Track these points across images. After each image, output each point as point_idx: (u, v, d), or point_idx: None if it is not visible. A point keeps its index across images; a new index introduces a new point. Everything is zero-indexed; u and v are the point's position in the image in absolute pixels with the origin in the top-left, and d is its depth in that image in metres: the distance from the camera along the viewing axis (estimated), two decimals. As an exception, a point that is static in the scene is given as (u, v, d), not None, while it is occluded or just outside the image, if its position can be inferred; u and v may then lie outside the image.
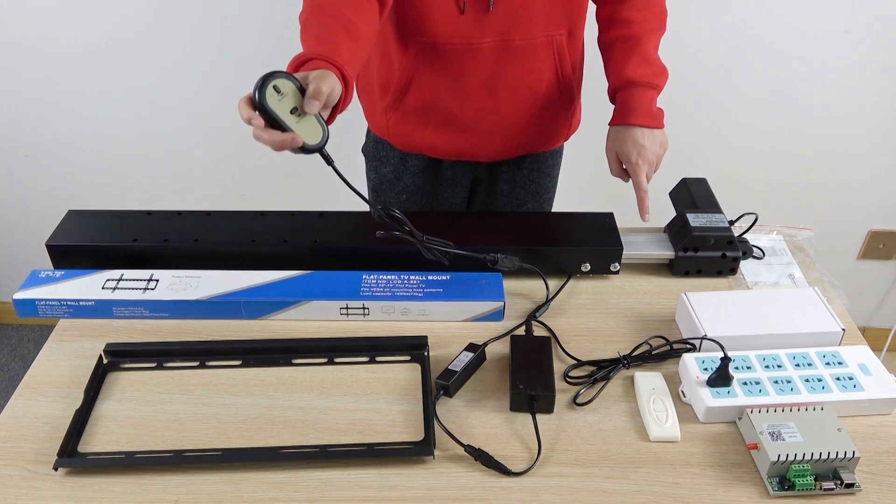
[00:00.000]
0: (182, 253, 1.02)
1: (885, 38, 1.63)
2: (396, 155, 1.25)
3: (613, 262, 1.04)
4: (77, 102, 1.77)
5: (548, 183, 1.31)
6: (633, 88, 1.08)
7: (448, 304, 0.96)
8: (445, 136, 1.17)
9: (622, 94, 1.09)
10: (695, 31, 1.63)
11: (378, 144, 1.26)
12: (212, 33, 1.66)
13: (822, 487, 0.75)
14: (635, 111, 1.07)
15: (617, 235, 1.05)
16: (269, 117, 0.77)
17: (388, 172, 1.27)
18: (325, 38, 0.87)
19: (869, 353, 0.89)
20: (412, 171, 1.25)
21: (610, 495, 0.75)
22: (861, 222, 1.94)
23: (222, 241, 1.02)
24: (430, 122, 1.16)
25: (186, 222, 1.05)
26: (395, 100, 1.15)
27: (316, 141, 0.81)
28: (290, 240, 1.03)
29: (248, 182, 1.90)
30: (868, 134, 1.77)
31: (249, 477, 0.77)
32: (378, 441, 0.80)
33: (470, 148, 1.19)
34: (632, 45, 1.09)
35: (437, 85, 1.11)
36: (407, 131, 1.19)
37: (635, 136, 1.07)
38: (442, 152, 1.21)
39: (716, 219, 1.05)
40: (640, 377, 0.88)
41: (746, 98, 1.73)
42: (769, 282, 1.06)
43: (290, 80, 0.79)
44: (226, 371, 0.89)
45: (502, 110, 1.14)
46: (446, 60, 1.08)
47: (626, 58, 1.08)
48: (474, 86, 1.11)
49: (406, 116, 1.17)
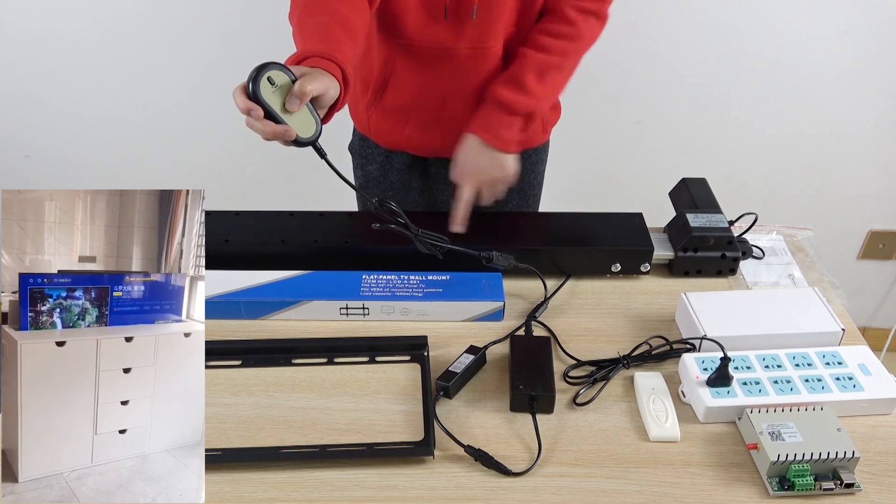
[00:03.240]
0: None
1: (885, 38, 1.63)
2: (381, 152, 1.25)
3: (644, 263, 1.04)
4: (77, 102, 1.77)
5: (532, 180, 1.30)
6: (496, 107, 1.06)
7: (448, 304, 0.96)
8: (424, 134, 1.18)
9: (485, 107, 1.08)
10: (695, 32, 1.63)
11: (363, 142, 1.26)
12: (211, 33, 1.66)
13: (822, 487, 0.75)
14: (489, 129, 1.06)
15: (647, 236, 1.06)
16: (262, 108, 0.77)
17: (374, 170, 1.27)
18: (326, 36, 0.87)
19: (869, 353, 0.89)
20: (397, 168, 1.25)
21: (610, 495, 0.75)
22: (861, 222, 1.94)
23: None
24: (409, 120, 1.17)
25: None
26: (375, 97, 1.15)
27: (309, 134, 0.81)
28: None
29: (247, 182, 1.90)
30: (868, 134, 1.77)
31: (249, 477, 0.77)
32: (378, 441, 0.80)
33: (449, 146, 1.19)
34: (520, 64, 1.06)
35: (413, 85, 1.12)
36: (387, 129, 1.19)
37: (482, 153, 1.06)
38: (423, 150, 1.22)
39: (716, 219, 1.05)
40: (640, 377, 0.87)
41: (746, 98, 1.73)
42: (769, 282, 1.06)
43: (284, 73, 0.78)
44: (226, 371, 0.89)
45: (473, 111, 1.14)
46: (422, 62, 1.09)
47: (508, 76, 1.07)
48: (449, 88, 1.11)
49: (386, 114, 1.17)
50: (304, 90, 0.78)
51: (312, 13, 0.90)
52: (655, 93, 1.72)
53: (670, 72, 1.68)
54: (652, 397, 0.85)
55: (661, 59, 1.65)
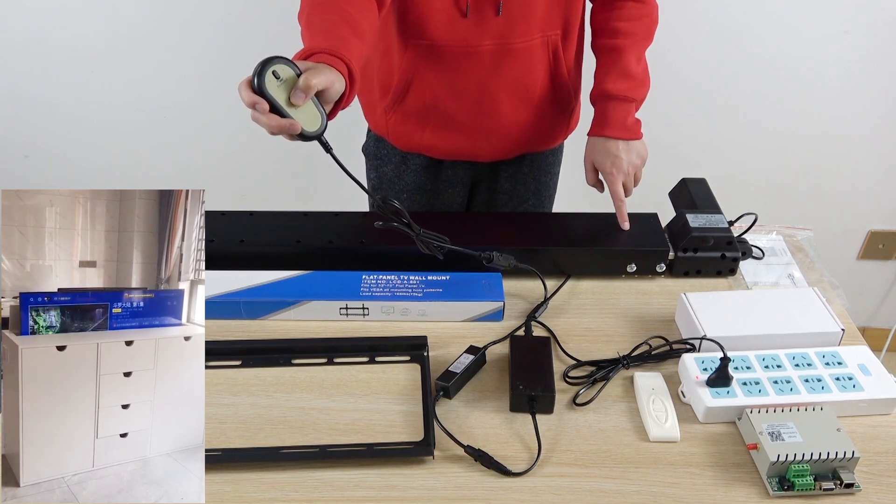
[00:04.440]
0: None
1: (885, 39, 1.63)
2: (398, 154, 1.25)
3: (659, 263, 1.04)
4: (77, 103, 1.77)
5: (548, 181, 1.31)
6: (609, 101, 1.10)
7: (448, 305, 0.96)
8: (444, 137, 1.18)
9: (600, 107, 1.12)
10: (695, 32, 1.63)
11: (379, 143, 1.26)
12: (211, 33, 1.66)
13: (822, 487, 0.75)
14: (610, 123, 1.10)
15: (662, 236, 1.06)
16: (266, 102, 0.77)
17: (390, 171, 1.27)
18: (332, 34, 0.87)
19: (868, 353, 0.89)
20: (413, 169, 1.25)
21: (610, 495, 0.75)
22: (861, 222, 1.94)
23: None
24: (429, 123, 1.17)
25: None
26: (395, 101, 1.15)
27: (315, 128, 0.81)
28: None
29: (247, 182, 1.90)
30: (868, 134, 1.77)
31: (249, 477, 0.77)
32: (378, 441, 0.81)
33: (468, 148, 1.20)
34: (615, 56, 1.10)
35: (435, 87, 1.12)
36: (406, 132, 1.19)
37: (609, 146, 1.09)
38: (441, 153, 1.22)
39: (715, 219, 1.05)
40: (640, 377, 0.88)
41: (746, 98, 1.73)
42: (769, 282, 1.06)
43: (290, 67, 0.78)
44: (225, 371, 0.89)
45: (500, 111, 1.14)
46: (445, 63, 1.09)
47: (607, 70, 1.11)
48: (472, 88, 1.11)
49: (405, 118, 1.17)
50: (308, 83, 0.78)
51: (320, 12, 0.90)
52: (655, 93, 1.71)
53: (670, 72, 1.68)
54: (652, 397, 0.85)
55: (660, 58, 1.64)
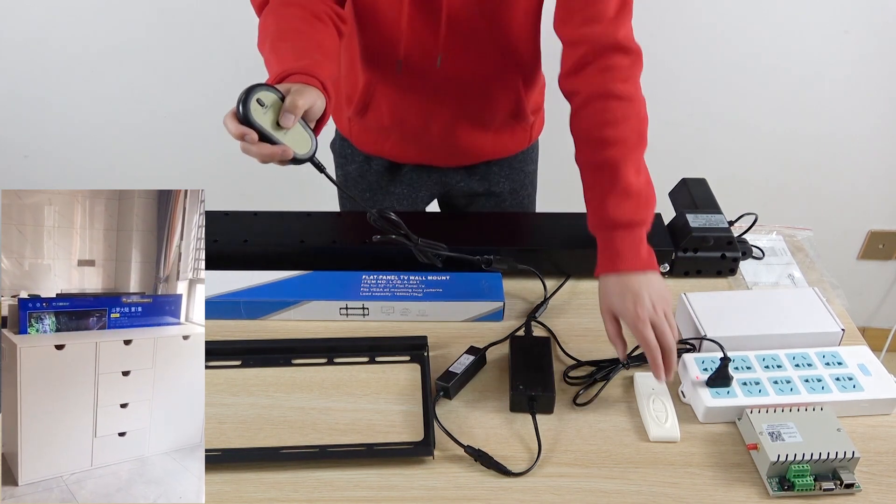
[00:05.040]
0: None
1: (885, 38, 1.62)
2: (361, 155, 1.25)
3: (663, 263, 1.04)
4: (77, 103, 1.77)
5: (524, 179, 1.29)
6: (616, 231, 0.91)
7: (448, 305, 0.96)
8: (406, 148, 1.18)
9: (604, 237, 0.92)
10: (695, 32, 1.63)
11: (344, 143, 1.26)
12: (211, 35, 1.65)
13: (822, 488, 0.75)
14: (622, 256, 0.90)
15: (665, 236, 1.06)
16: (255, 131, 0.76)
17: (353, 170, 1.27)
18: (303, 55, 0.86)
19: (868, 353, 0.89)
20: (375, 170, 1.24)
21: (610, 495, 0.75)
22: (861, 222, 1.94)
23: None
24: (391, 136, 1.17)
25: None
26: (357, 113, 1.15)
27: (305, 150, 0.80)
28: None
29: (248, 181, 1.90)
30: (868, 134, 1.77)
31: (249, 477, 0.77)
32: (378, 441, 0.80)
33: (431, 160, 1.20)
34: (610, 174, 0.91)
35: (395, 108, 1.12)
36: (369, 140, 1.20)
37: (628, 283, 0.88)
38: (402, 159, 1.22)
39: (715, 219, 1.05)
40: (640, 377, 0.87)
41: (746, 98, 1.72)
42: (769, 282, 1.06)
43: (272, 92, 0.77)
44: (225, 371, 0.89)
45: (458, 134, 1.14)
46: (403, 86, 1.08)
47: (605, 192, 0.92)
48: (430, 111, 1.11)
49: (367, 129, 1.18)
50: (296, 104, 0.77)
51: (286, 38, 0.89)
52: (655, 93, 1.71)
53: (670, 72, 1.68)
54: (652, 397, 0.85)
55: (660, 59, 1.65)
